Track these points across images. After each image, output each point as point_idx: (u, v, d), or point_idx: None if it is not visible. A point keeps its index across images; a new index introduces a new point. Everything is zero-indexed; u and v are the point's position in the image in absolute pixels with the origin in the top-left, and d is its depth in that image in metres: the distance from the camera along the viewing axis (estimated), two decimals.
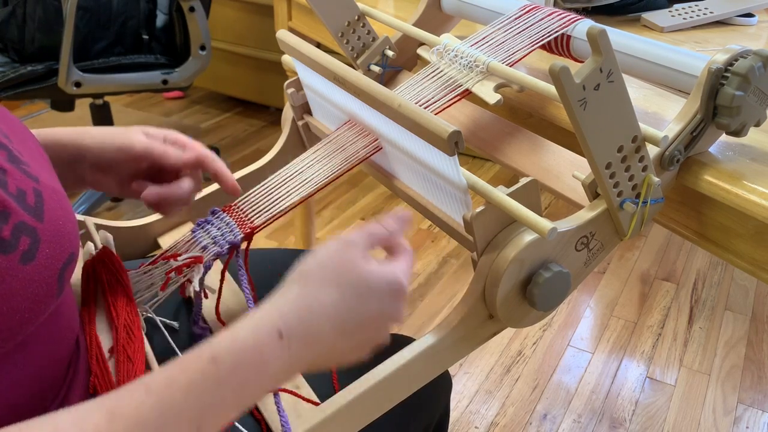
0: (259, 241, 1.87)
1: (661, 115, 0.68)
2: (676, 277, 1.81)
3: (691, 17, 0.98)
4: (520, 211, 0.51)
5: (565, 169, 0.64)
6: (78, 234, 0.48)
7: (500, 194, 0.53)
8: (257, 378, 0.43)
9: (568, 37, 0.68)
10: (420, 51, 0.78)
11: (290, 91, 0.81)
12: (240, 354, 0.42)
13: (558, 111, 0.69)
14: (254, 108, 2.69)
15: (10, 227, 0.40)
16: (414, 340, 0.56)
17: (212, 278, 0.69)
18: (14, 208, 0.41)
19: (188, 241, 0.68)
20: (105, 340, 0.56)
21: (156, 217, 0.78)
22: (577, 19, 0.68)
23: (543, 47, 0.70)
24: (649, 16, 0.98)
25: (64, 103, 1.84)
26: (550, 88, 0.58)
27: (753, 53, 0.54)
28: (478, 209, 0.53)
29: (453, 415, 1.36)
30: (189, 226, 0.76)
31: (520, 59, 0.67)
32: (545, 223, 0.50)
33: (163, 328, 0.62)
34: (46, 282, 0.43)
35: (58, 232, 0.44)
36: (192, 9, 1.68)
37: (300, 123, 0.83)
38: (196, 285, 0.63)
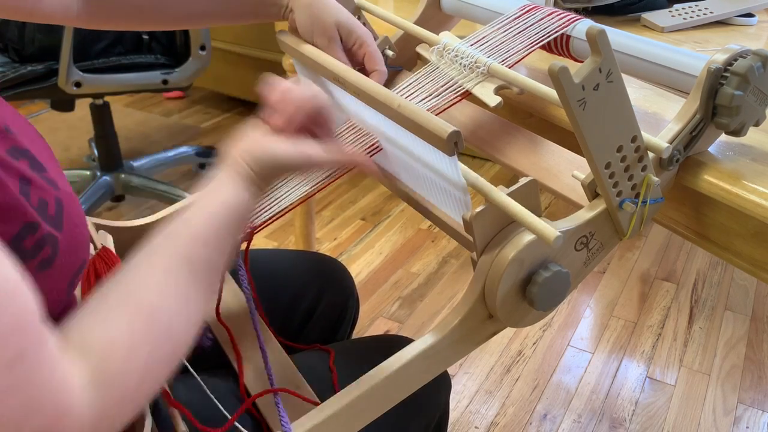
0: (259, 241, 1.87)
1: (661, 115, 0.68)
2: (676, 277, 1.80)
3: (691, 17, 0.98)
4: (523, 215, 0.51)
5: (565, 168, 0.64)
6: (89, 240, 0.49)
7: (500, 194, 0.53)
8: None
9: (568, 37, 0.68)
10: (419, 49, 0.78)
11: None
12: None
13: (558, 111, 0.69)
14: (254, 108, 2.68)
15: (35, 239, 0.41)
16: (413, 340, 0.57)
17: None
18: (41, 222, 0.41)
19: None
20: None
21: (156, 216, 0.78)
22: (577, 19, 0.68)
23: (543, 47, 0.70)
24: (649, 16, 0.98)
25: (64, 103, 1.83)
26: (551, 92, 0.58)
27: (752, 53, 0.54)
28: (478, 209, 0.53)
29: (453, 415, 1.36)
30: None
31: (520, 59, 0.67)
32: (550, 230, 0.49)
33: None
34: (57, 288, 0.44)
35: (74, 239, 0.45)
36: None
37: None
38: None
